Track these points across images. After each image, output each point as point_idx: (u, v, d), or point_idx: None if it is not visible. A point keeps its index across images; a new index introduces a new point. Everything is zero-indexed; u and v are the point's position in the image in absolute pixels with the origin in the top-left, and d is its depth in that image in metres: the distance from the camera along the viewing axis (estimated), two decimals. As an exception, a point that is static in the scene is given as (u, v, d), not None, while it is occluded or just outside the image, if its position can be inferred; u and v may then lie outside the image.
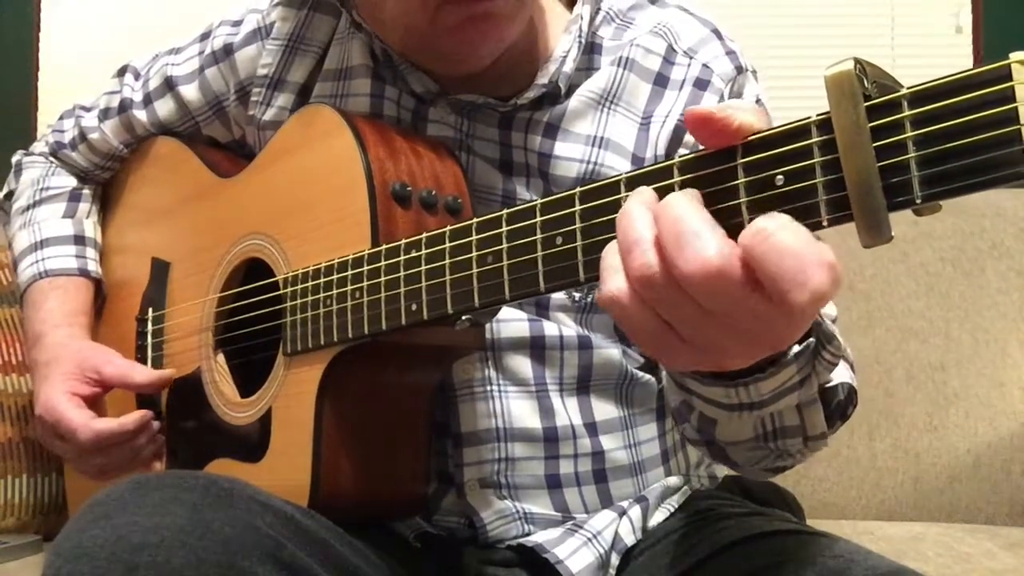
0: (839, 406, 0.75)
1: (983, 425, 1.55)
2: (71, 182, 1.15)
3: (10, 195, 1.18)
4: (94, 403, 0.98)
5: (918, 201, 0.45)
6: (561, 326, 0.88)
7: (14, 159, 1.20)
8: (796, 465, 0.77)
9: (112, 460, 0.96)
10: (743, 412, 0.67)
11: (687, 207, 0.51)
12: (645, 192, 0.55)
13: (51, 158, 1.17)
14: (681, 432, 0.82)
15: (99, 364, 0.98)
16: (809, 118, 0.49)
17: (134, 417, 0.94)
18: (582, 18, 0.89)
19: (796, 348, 0.62)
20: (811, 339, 0.63)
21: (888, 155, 0.46)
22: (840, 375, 0.73)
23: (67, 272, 1.09)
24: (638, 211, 0.53)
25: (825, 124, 0.48)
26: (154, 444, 0.97)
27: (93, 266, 1.11)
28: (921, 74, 0.53)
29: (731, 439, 0.73)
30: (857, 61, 0.47)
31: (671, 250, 0.50)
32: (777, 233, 0.48)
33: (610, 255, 0.54)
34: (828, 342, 0.65)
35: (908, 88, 0.46)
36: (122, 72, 1.14)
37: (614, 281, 0.53)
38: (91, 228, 1.13)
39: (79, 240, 1.12)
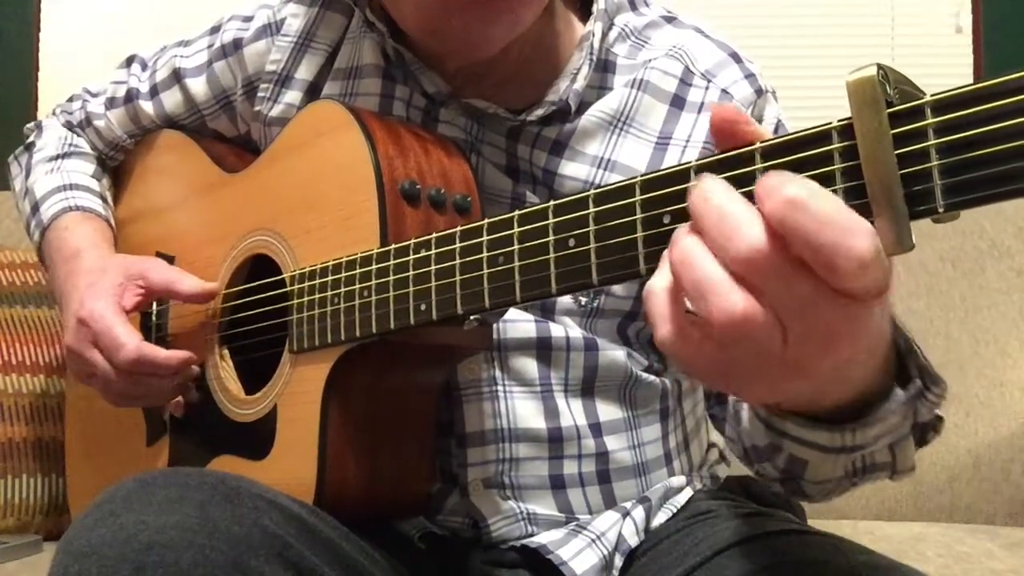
0: (919, 429, 0.70)
1: (983, 425, 1.55)
2: (93, 151, 1.15)
3: (30, 146, 1.16)
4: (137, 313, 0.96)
5: (940, 210, 0.44)
6: (567, 328, 0.88)
7: (29, 125, 1.20)
8: None
9: (136, 389, 0.92)
10: (841, 454, 0.64)
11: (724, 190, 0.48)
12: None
13: (67, 128, 1.16)
14: (756, 471, 0.79)
15: (145, 270, 0.95)
16: (831, 123, 0.48)
17: (180, 355, 0.91)
18: (593, 35, 0.88)
19: (904, 394, 0.60)
20: (917, 381, 0.61)
21: (910, 163, 0.45)
22: None
23: (98, 215, 1.08)
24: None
25: (847, 130, 0.47)
26: (181, 388, 0.94)
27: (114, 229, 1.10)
28: (921, 74, 0.52)
29: (819, 479, 0.70)
30: (880, 67, 0.46)
31: (717, 238, 0.47)
32: (812, 200, 0.44)
33: (657, 301, 0.50)
34: (935, 384, 0.62)
35: (932, 95, 0.45)
36: (129, 62, 1.13)
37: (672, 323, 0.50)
38: (111, 205, 1.13)
39: (105, 201, 1.11)
